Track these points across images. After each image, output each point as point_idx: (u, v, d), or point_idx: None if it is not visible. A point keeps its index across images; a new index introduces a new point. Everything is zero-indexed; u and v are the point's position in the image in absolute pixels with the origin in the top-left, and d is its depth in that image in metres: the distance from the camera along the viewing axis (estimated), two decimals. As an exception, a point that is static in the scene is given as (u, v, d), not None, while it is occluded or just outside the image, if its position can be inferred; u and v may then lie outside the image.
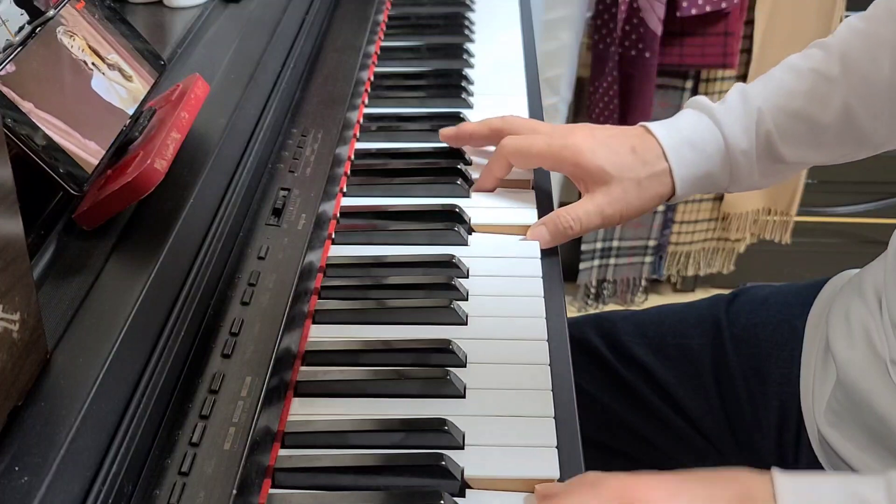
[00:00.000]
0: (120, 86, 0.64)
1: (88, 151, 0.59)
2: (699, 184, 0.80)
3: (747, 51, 1.74)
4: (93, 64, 0.63)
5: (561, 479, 0.56)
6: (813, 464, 0.77)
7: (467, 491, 0.57)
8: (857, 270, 0.81)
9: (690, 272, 2.04)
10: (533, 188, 0.84)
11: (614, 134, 0.81)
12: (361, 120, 0.93)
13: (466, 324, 0.68)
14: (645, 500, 0.54)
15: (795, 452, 0.80)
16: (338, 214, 0.79)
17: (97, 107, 0.61)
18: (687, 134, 0.79)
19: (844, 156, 0.83)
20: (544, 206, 0.81)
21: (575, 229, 0.77)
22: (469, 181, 0.83)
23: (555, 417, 0.60)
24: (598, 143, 0.79)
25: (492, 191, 0.83)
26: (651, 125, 0.81)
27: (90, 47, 0.63)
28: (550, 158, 0.80)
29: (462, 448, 0.57)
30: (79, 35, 0.62)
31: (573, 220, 0.77)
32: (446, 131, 0.86)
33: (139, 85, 0.66)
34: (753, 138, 0.79)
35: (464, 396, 0.62)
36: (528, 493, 0.56)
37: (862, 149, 0.82)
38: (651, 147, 0.79)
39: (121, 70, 0.65)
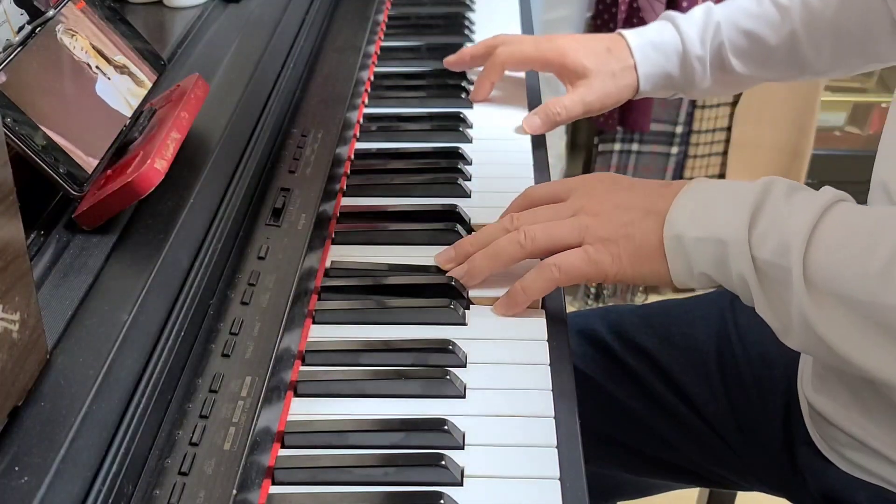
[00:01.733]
0: (120, 84, 0.64)
1: (88, 151, 0.59)
2: (660, 82, 0.94)
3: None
4: (96, 66, 0.63)
5: (561, 479, 0.56)
6: (807, 439, 0.77)
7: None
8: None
9: (690, 272, 2.04)
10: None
11: (593, 37, 0.95)
12: (361, 120, 0.93)
13: (466, 324, 0.68)
14: (595, 182, 0.72)
15: (797, 432, 0.80)
16: (338, 214, 0.78)
17: (97, 106, 0.61)
18: (651, 37, 0.94)
19: (788, 77, 0.97)
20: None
21: (562, 115, 0.91)
22: (469, 180, 0.83)
23: (555, 417, 0.60)
24: (580, 44, 0.93)
25: (487, 97, 0.96)
26: (624, 31, 0.95)
27: (91, 46, 0.63)
28: (539, 60, 0.94)
29: (462, 448, 0.58)
30: (81, 35, 0.62)
31: (560, 107, 0.91)
32: (449, 58, 0.99)
33: (140, 85, 0.66)
34: (708, 47, 0.93)
35: (464, 396, 0.62)
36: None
37: (804, 74, 0.96)
38: (622, 47, 0.94)
39: (120, 68, 0.65)
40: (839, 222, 0.59)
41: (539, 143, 0.91)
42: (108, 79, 0.63)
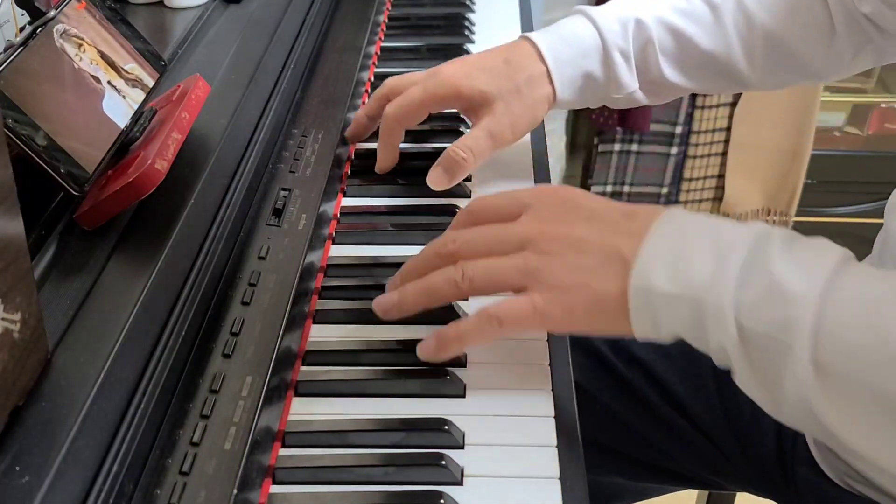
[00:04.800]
0: (121, 87, 0.64)
1: (89, 152, 0.59)
2: (580, 85, 0.79)
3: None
4: (95, 65, 0.63)
5: (561, 479, 0.56)
6: (810, 461, 0.77)
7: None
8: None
9: (690, 272, 2.04)
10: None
11: (486, 54, 0.80)
12: (362, 120, 0.93)
13: (466, 324, 0.68)
14: (550, 200, 0.60)
15: (793, 450, 0.80)
16: (338, 214, 0.79)
17: (98, 106, 0.62)
18: (563, 33, 0.79)
19: (718, 88, 0.85)
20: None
21: (469, 159, 0.76)
22: (469, 180, 0.83)
23: (555, 417, 0.60)
24: (471, 66, 0.79)
25: (394, 165, 0.82)
26: (529, 33, 0.80)
27: (91, 45, 0.63)
28: (432, 101, 0.79)
29: (462, 448, 0.58)
30: (81, 34, 0.62)
31: (463, 149, 0.76)
32: (348, 130, 0.85)
33: (140, 86, 0.66)
34: (631, 40, 0.79)
35: (464, 396, 0.62)
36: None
37: (733, 85, 0.84)
38: (526, 52, 0.78)
39: (120, 70, 0.65)
40: (854, 292, 0.50)
41: (539, 143, 0.91)
42: (109, 80, 0.64)
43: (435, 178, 0.77)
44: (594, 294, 0.56)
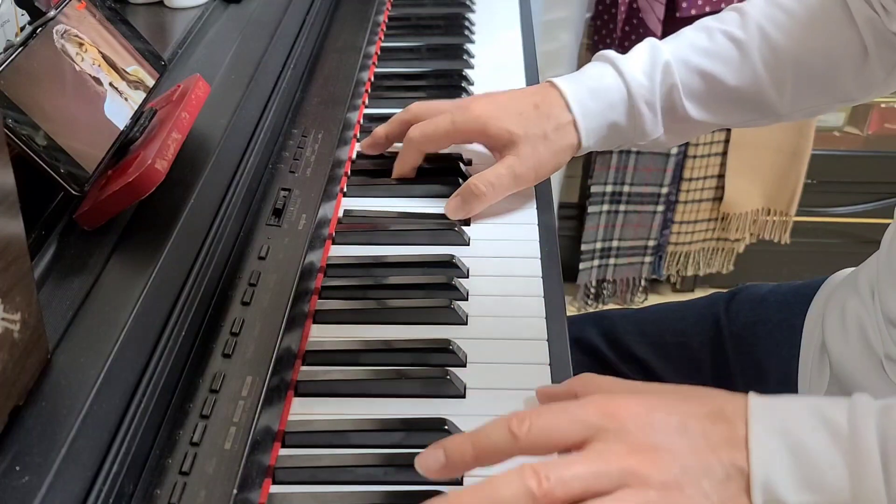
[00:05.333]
0: (121, 87, 0.64)
1: (89, 152, 0.59)
2: (605, 134, 0.80)
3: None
4: (97, 66, 0.63)
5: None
6: None
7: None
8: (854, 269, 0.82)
9: (690, 272, 2.04)
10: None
11: (515, 96, 0.81)
12: (362, 120, 0.93)
13: (466, 324, 0.68)
14: (622, 417, 0.50)
15: None
16: (338, 215, 0.79)
17: (98, 106, 0.62)
18: (591, 84, 0.80)
19: (746, 122, 0.85)
20: (544, 205, 0.81)
21: (488, 194, 0.77)
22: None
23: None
24: (501, 107, 0.80)
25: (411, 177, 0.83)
26: (556, 79, 0.81)
27: (91, 44, 0.63)
28: (458, 135, 0.81)
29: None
30: (81, 35, 0.62)
31: (485, 185, 0.77)
32: (363, 142, 0.86)
33: (140, 86, 0.66)
34: (657, 89, 0.80)
35: (464, 396, 0.62)
36: (528, 395, 0.59)
37: (766, 118, 0.84)
38: (554, 101, 0.79)
39: (120, 71, 0.65)
40: None
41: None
42: (109, 79, 0.63)
43: (452, 208, 0.78)
44: None
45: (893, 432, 0.47)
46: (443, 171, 0.84)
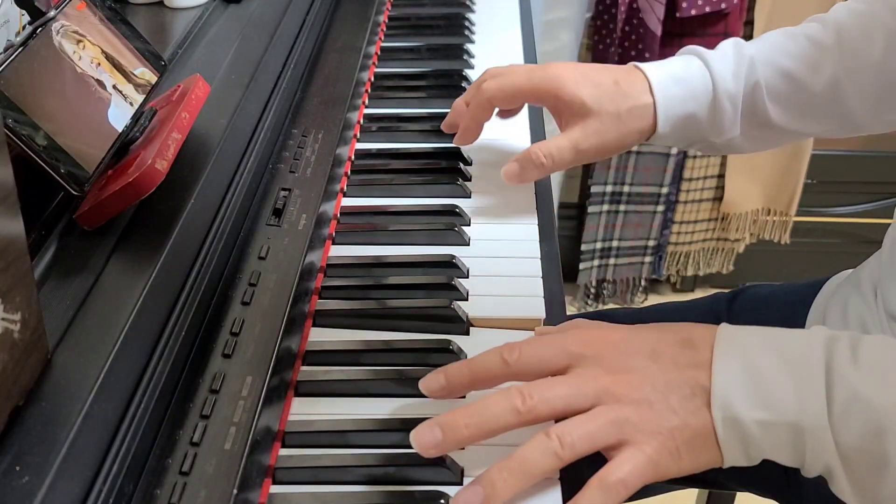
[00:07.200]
0: (121, 87, 0.64)
1: (89, 152, 0.59)
2: (681, 125, 0.78)
3: (747, 51, 1.75)
4: (97, 65, 0.63)
5: (561, 479, 0.56)
6: None
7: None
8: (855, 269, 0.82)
9: (690, 272, 2.04)
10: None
11: (599, 68, 0.79)
12: (362, 120, 0.93)
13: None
14: (599, 345, 0.57)
15: None
16: (338, 214, 0.79)
17: (97, 105, 0.62)
18: (676, 72, 0.78)
19: (827, 131, 0.83)
20: (544, 205, 0.81)
21: (547, 165, 0.76)
22: (469, 180, 0.83)
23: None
24: (581, 74, 0.77)
25: (474, 141, 0.82)
26: (640, 63, 0.79)
27: (92, 44, 0.63)
28: (531, 91, 0.79)
29: (462, 448, 0.58)
30: (81, 35, 0.62)
31: (545, 155, 0.75)
32: (446, 121, 0.86)
33: (140, 86, 0.66)
34: (742, 84, 0.78)
35: (464, 396, 0.62)
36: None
37: (845, 127, 0.82)
38: (637, 80, 0.77)
39: (120, 70, 0.65)
40: None
41: (539, 143, 0.91)
42: (109, 79, 0.64)
43: (508, 171, 0.77)
44: (693, 432, 0.53)
45: (838, 359, 0.52)
46: (442, 171, 0.84)
